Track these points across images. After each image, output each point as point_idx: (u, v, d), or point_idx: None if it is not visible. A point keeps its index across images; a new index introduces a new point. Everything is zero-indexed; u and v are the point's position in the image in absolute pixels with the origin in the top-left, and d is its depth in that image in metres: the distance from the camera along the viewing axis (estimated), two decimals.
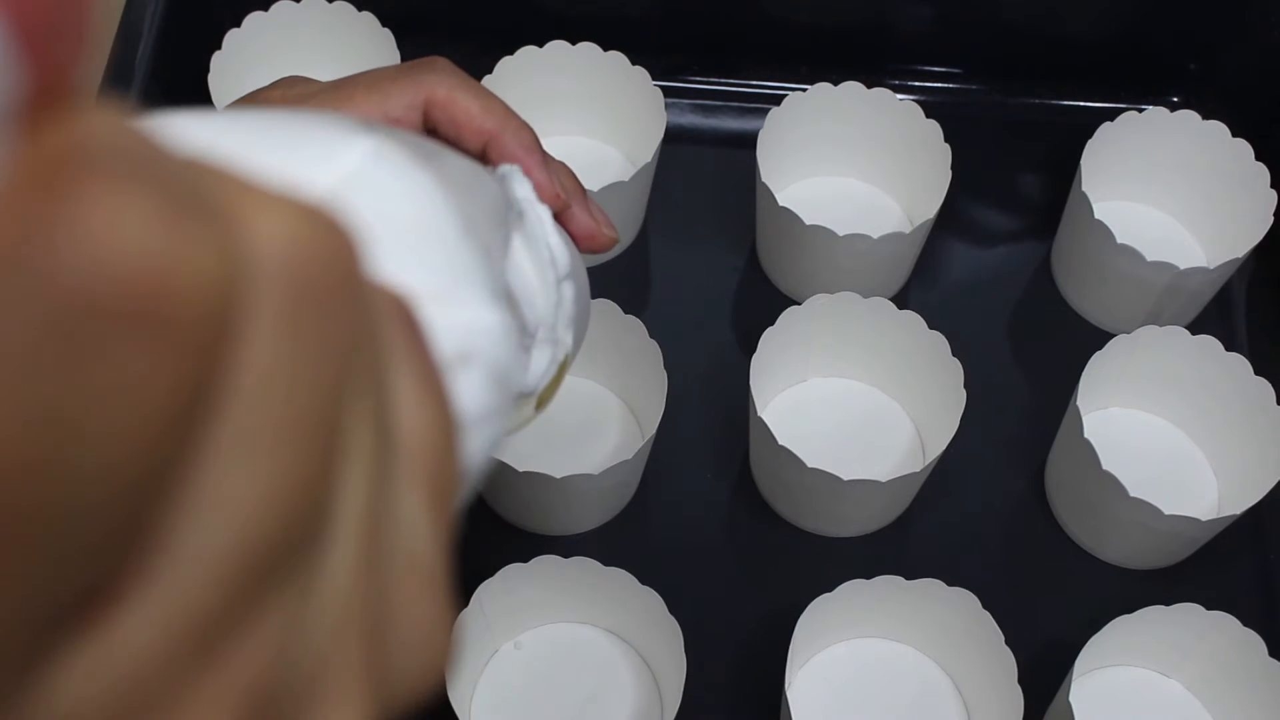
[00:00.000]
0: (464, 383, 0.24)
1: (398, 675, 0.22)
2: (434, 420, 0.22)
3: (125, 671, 0.16)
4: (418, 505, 0.22)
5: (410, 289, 0.23)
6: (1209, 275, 0.64)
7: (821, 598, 0.55)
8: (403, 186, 0.25)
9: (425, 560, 0.22)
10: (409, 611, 0.22)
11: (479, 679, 0.58)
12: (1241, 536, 0.63)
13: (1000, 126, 0.76)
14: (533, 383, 0.39)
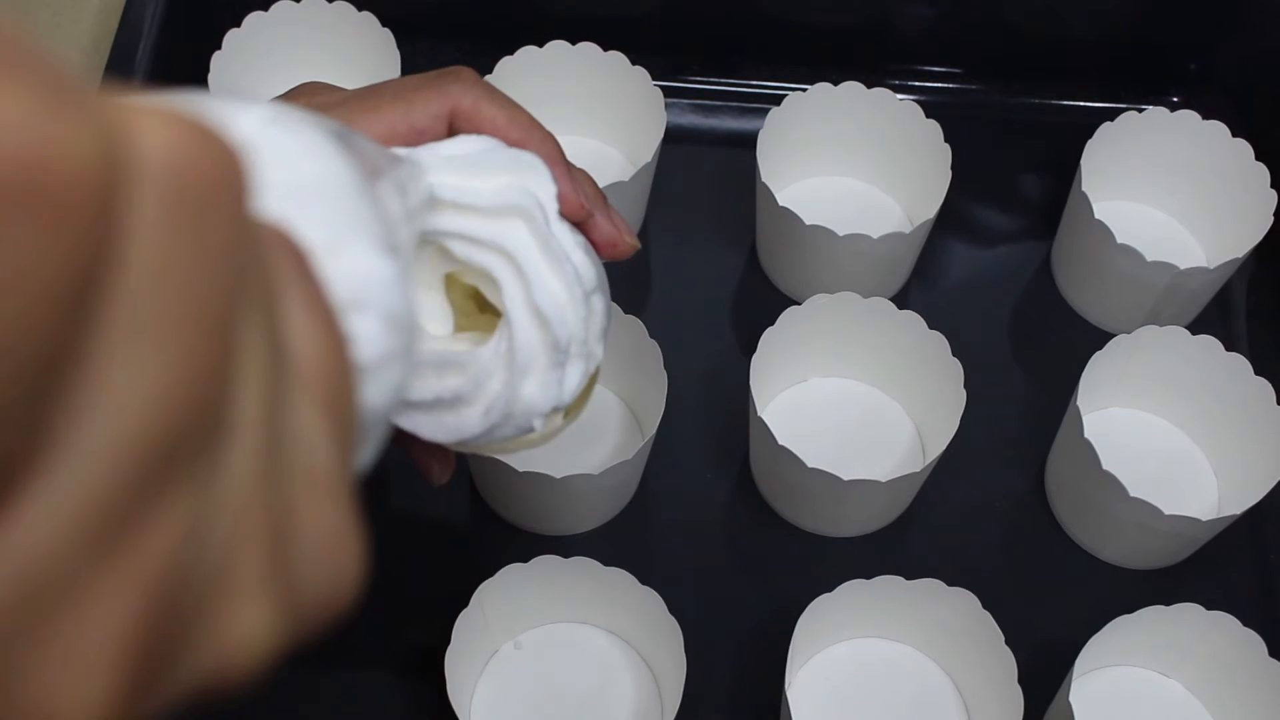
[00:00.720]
0: (359, 326, 0.25)
1: (304, 586, 0.23)
2: (328, 348, 0.23)
3: (29, 564, 0.16)
4: (316, 423, 0.22)
5: (303, 238, 0.24)
6: (1209, 275, 0.64)
7: (821, 598, 0.55)
8: (299, 146, 0.26)
9: (326, 476, 0.23)
10: (311, 525, 0.22)
11: (479, 679, 0.58)
12: (1241, 536, 0.63)
13: (1000, 126, 0.76)
14: (567, 397, 0.40)
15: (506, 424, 0.40)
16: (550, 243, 0.39)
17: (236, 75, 0.68)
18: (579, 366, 0.40)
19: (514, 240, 0.39)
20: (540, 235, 0.39)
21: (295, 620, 0.23)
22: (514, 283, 0.39)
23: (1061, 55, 0.75)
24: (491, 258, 0.39)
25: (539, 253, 0.39)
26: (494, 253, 0.39)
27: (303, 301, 0.23)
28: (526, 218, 0.39)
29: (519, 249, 0.39)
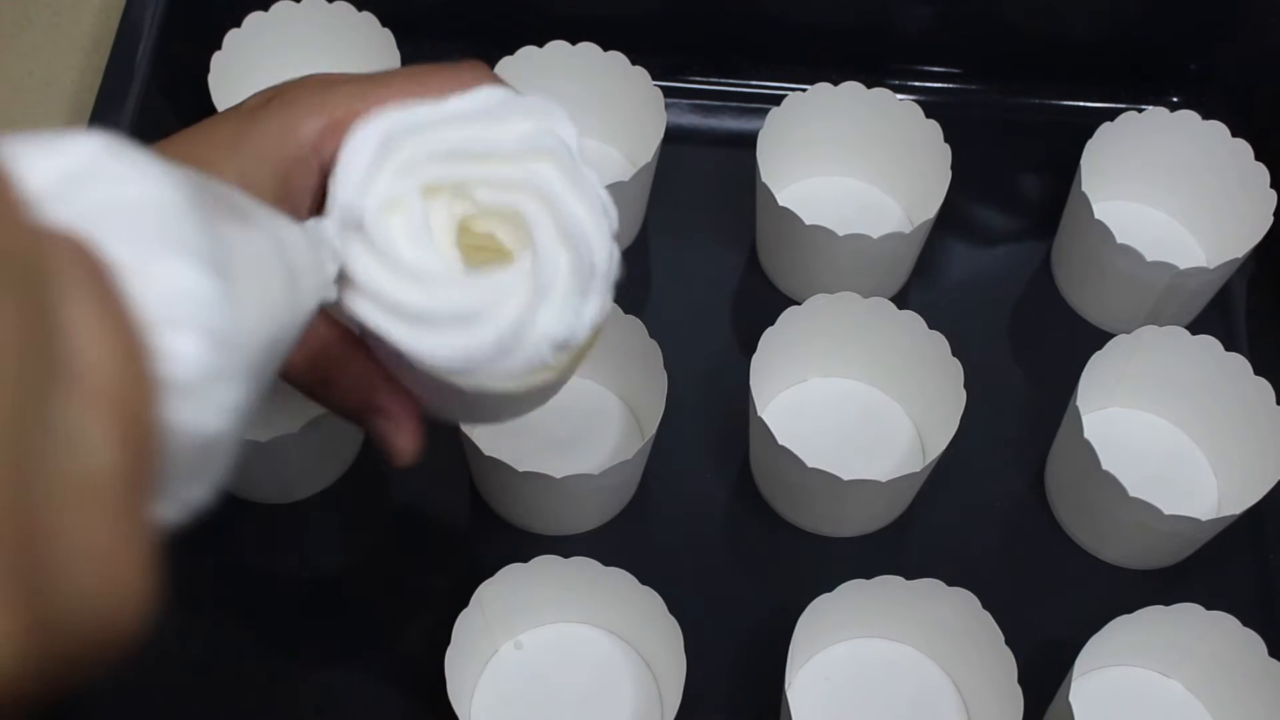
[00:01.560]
0: (173, 343, 0.26)
1: (59, 599, 0.22)
2: (121, 357, 0.23)
3: None
4: (98, 430, 0.22)
5: (109, 253, 0.25)
6: (1209, 275, 0.64)
7: (821, 598, 0.55)
8: (127, 170, 0.27)
9: (102, 486, 0.22)
10: (75, 534, 0.22)
11: (479, 679, 0.58)
12: (1241, 536, 0.63)
13: (1000, 126, 0.76)
14: (581, 332, 0.39)
15: (517, 351, 0.38)
16: (578, 177, 0.39)
17: (237, 75, 0.68)
18: (596, 301, 0.39)
19: (543, 177, 0.38)
20: (568, 171, 0.39)
21: (48, 634, 0.21)
22: (542, 213, 0.39)
23: (1061, 55, 0.75)
24: (519, 197, 0.39)
25: (568, 185, 0.38)
26: (522, 192, 0.39)
27: (94, 309, 0.23)
28: (553, 157, 0.39)
29: (548, 183, 0.38)
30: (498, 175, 0.39)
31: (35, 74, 0.71)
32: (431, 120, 0.39)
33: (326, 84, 0.42)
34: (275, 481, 0.61)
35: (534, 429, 0.64)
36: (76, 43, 0.72)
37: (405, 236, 0.38)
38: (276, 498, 0.62)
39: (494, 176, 0.39)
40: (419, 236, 0.38)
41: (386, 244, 0.38)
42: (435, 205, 0.39)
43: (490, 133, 0.39)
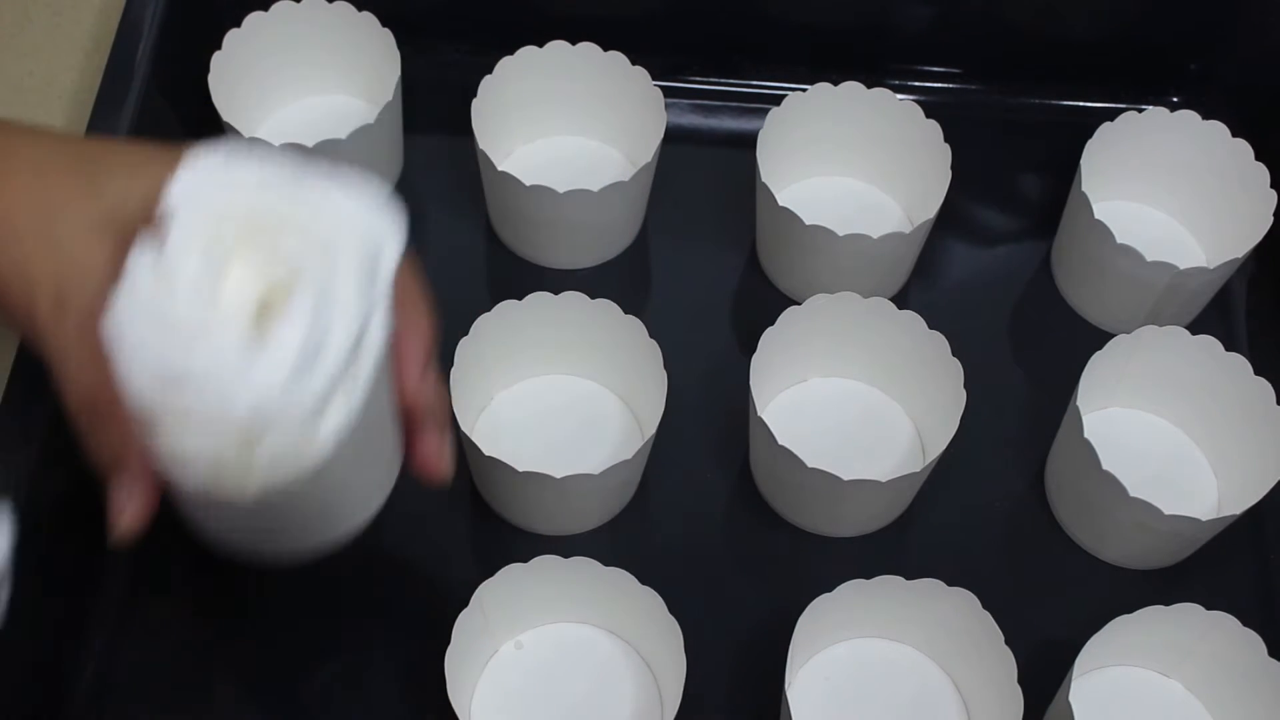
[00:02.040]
0: None
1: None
2: None
3: None
4: None
5: None
6: (1209, 275, 0.64)
7: (821, 598, 0.55)
8: None
9: None
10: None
11: (479, 679, 0.58)
12: (1241, 536, 0.63)
13: (1000, 126, 0.76)
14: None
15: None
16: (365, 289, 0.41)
17: (237, 75, 0.68)
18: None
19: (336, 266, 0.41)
20: (358, 274, 0.41)
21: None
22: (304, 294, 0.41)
23: (1061, 55, 0.75)
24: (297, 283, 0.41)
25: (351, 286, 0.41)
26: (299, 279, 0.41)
27: None
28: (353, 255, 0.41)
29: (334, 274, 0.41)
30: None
31: (35, 74, 0.71)
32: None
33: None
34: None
35: (535, 429, 0.64)
36: (76, 43, 0.72)
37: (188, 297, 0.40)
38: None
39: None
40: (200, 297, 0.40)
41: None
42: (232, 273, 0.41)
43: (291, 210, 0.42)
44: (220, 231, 0.41)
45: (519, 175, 0.65)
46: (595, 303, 0.62)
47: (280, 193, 0.42)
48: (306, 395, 0.40)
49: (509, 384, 0.65)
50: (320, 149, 0.66)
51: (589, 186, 0.64)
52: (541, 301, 0.62)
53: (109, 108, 0.64)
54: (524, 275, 0.70)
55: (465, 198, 0.71)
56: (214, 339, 0.40)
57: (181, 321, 0.40)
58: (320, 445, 0.40)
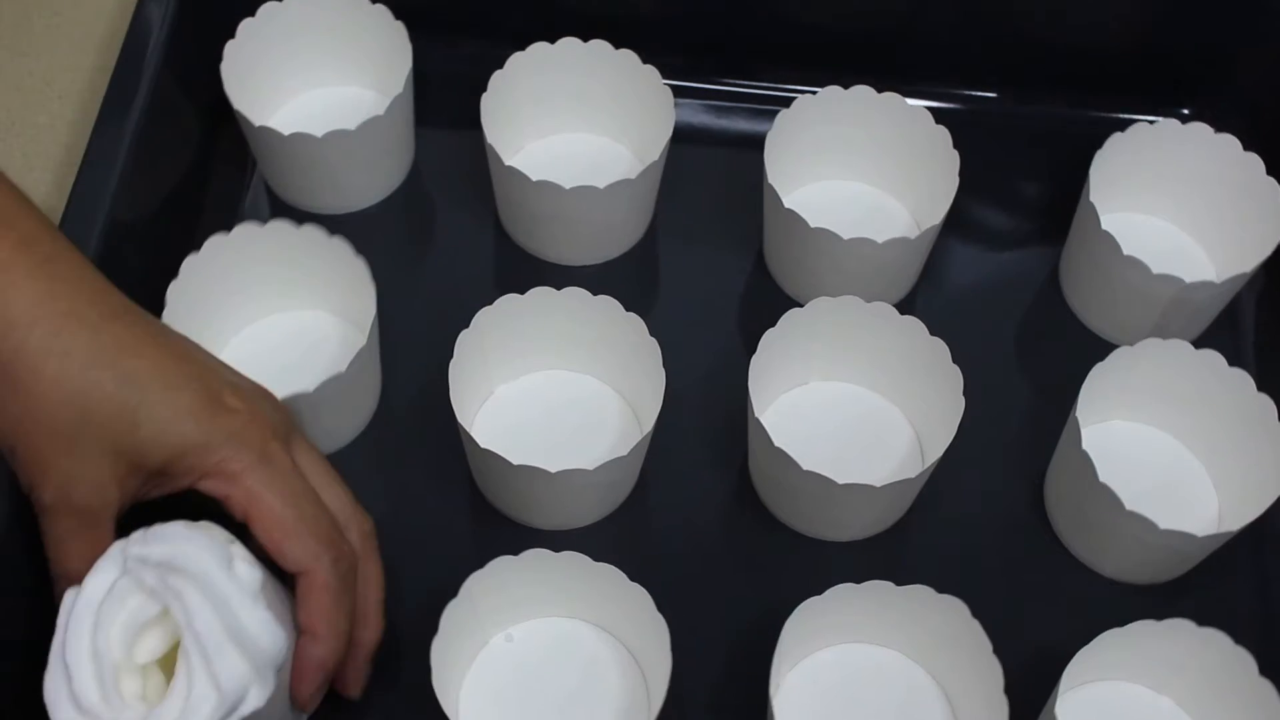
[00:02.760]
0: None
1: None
2: None
3: None
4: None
5: None
6: (1216, 289, 0.64)
7: (810, 600, 0.55)
8: None
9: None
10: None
11: (468, 670, 0.58)
12: (1242, 553, 0.63)
13: (1012, 134, 0.76)
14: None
15: None
16: (223, 600, 0.49)
17: (250, 64, 0.69)
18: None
19: (188, 622, 0.48)
20: (209, 602, 0.49)
21: None
22: (193, 653, 0.49)
23: (1074, 64, 0.75)
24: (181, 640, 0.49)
25: (206, 625, 0.48)
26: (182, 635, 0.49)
27: None
28: (192, 587, 0.49)
29: (191, 629, 0.48)
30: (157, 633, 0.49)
31: (35, 74, 0.71)
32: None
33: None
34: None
35: (533, 424, 0.64)
36: (76, 43, 0.72)
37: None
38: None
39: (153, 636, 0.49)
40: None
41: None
42: (137, 646, 0.49)
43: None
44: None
45: (528, 171, 0.65)
46: (597, 299, 0.62)
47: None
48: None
49: (509, 378, 0.65)
50: (330, 139, 0.66)
51: (596, 183, 0.65)
52: (543, 296, 0.62)
53: (122, 96, 0.65)
54: (531, 270, 0.70)
55: (475, 192, 0.71)
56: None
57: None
58: None
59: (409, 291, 0.69)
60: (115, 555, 0.50)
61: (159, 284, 0.61)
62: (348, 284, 0.63)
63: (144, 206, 0.66)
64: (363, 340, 0.61)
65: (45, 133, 0.69)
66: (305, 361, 0.65)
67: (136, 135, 0.64)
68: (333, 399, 0.61)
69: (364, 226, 0.70)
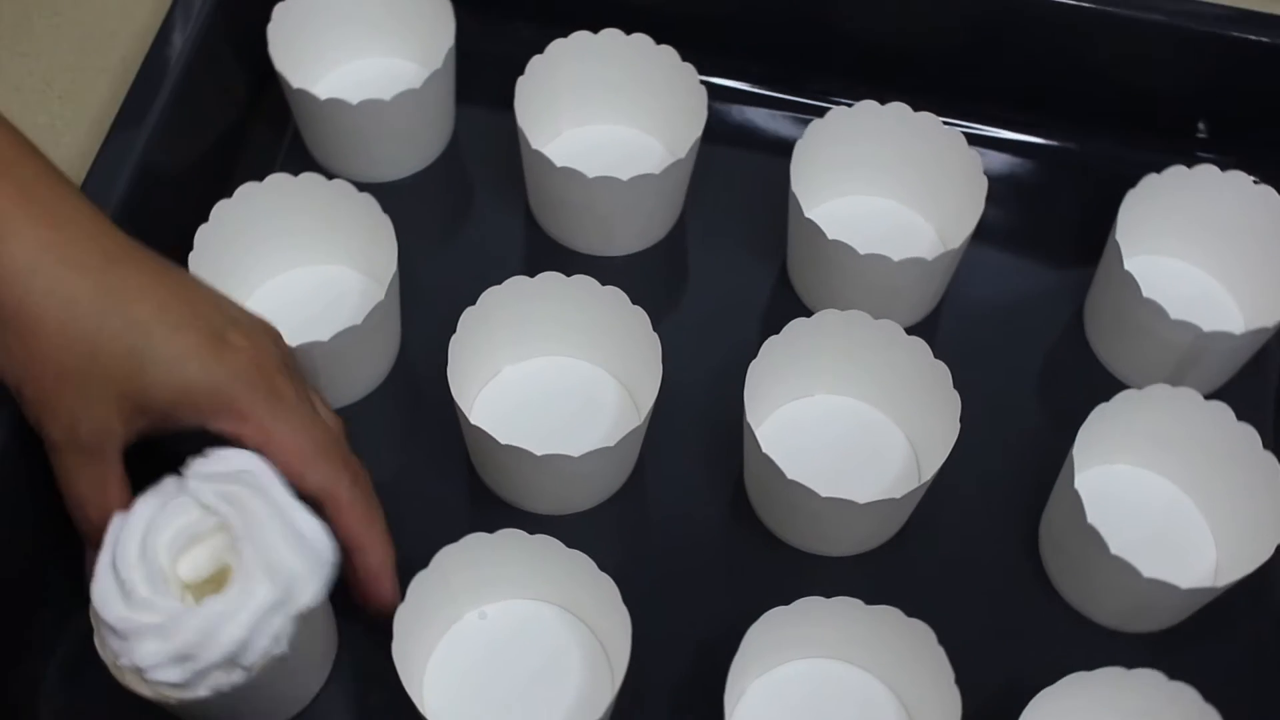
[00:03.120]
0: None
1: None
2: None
3: None
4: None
5: None
6: (1235, 341, 0.63)
7: (776, 610, 0.55)
8: None
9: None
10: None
11: (438, 643, 0.59)
12: (1240, 611, 0.61)
13: (1050, 166, 0.75)
14: (265, 645, 0.51)
15: (199, 660, 0.50)
16: (285, 514, 0.52)
17: (296, 29, 0.70)
18: (283, 621, 0.51)
19: (249, 522, 0.51)
20: (273, 513, 0.52)
21: None
22: (250, 554, 0.51)
23: (1119, 102, 0.74)
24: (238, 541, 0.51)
25: (272, 527, 0.51)
26: (238, 538, 0.51)
27: None
28: (258, 497, 0.52)
29: (254, 527, 0.51)
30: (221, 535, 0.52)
31: (35, 74, 0.72)
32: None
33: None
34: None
35: (533, 407, 0.64)
36: (76, 43, 0.72)
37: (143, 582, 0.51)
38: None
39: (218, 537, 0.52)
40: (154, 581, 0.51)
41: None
42: (182, 561, 0.51)
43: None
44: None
45: (561, 157, 0.66)
46: (605, 289, 0.62)
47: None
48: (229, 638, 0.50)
49: (515, 359, 0.65)
50: (363, 108, 0.67)
51: (620, 175, 0.65)
52: (551, 281, 0.62)
53: (164, 50, 0.66)
54: (553, 257, 0.70)
55: (511, 174, 0.72)
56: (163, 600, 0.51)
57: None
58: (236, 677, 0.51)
59: (432, 266, 0.69)
60: (168, 482, 0.53)
61: (190, 228, 0.62)
62: (372, 240, 0.64)
63: (180, 152, 0.67)
64: (382, 296, 0.61)
65: (45, 133, 0.69)
66: (326, 314, 0.66)
67: (179, 81, 0.66)
68: (347, 351, 0.62)
69: (395, 198, 0.71)
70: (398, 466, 0.65)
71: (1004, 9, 0.71)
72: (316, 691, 0.59)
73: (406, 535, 0.61)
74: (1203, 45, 0.70)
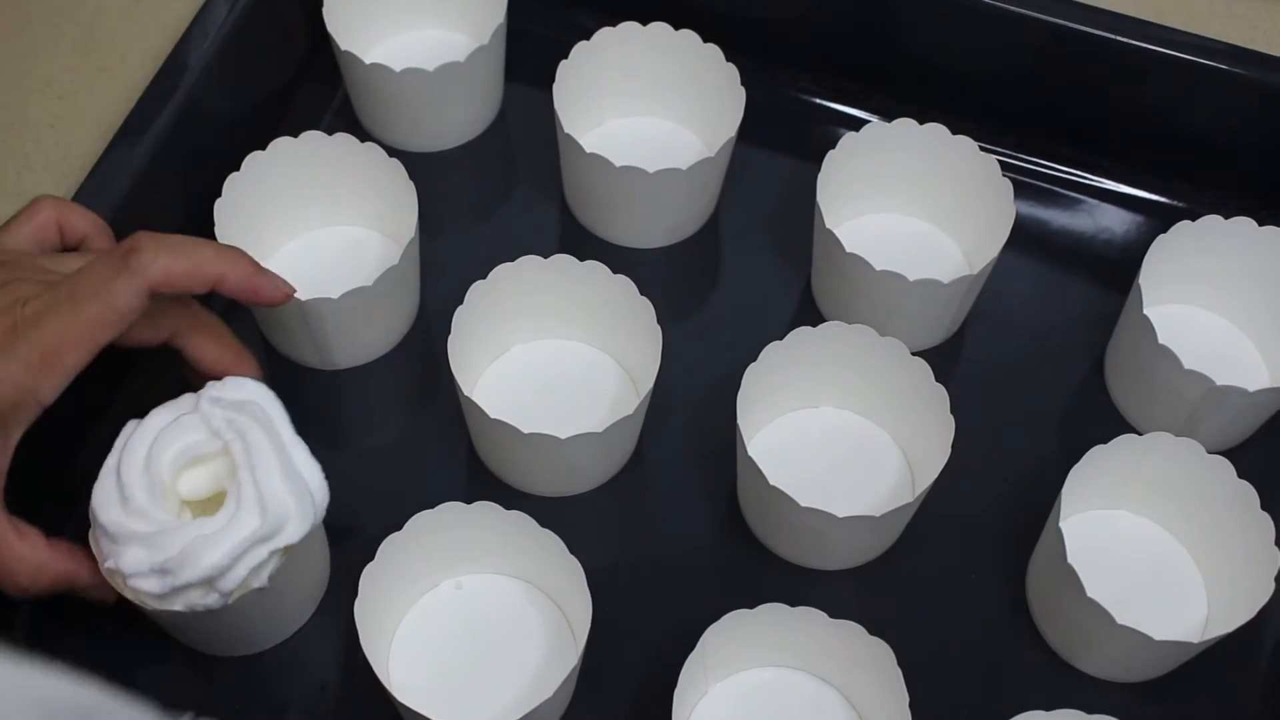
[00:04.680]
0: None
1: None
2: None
3: None
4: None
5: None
6: (1248, 397, 0.61)
7: (739, 612, 0.55)
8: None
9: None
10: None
11: (409, 609, 0.59)
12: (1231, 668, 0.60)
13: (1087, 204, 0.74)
14: (241, 575, 0.52)
15: (179, 575, 0.51)
16: (281, 449, 0.54)
17: None
18: (265, 553, 0.53)
19: (251, 455, 0.53)
20: (273, 447, 0.53)
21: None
22: (246, 482, 0.53)
23: (1163, 146, 0.72)
24: (236, 468, 0.53)
25: (267, 460, 0.53)
26: (237, 465, 0.53)
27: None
28: (258, 431, 0.54)
29: (254, 458, 0.53)
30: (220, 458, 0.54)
31: (35, 74, 0.72)
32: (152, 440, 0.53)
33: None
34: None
35: (531, 388, 0.65)
36: (76, 43, 0.73)
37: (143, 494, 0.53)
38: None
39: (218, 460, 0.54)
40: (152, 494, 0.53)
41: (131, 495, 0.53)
42: (183, 478, 0.54)
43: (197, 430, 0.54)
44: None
45: (599, 146, 0.66)
46: (614, 277, 0.62)
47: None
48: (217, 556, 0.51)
49: (523, 339, 0.66)
50: (406, 75, 0.68)
51: (648, 168, 0.65)
52: (563, 263, 0.63)
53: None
54: (580, 243, 0.71)
55: (551, 157, 0.72)
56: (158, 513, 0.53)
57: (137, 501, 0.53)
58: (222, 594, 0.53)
59: (459, 239, 0.70)
60: (186, 398, 0.55)
61: (222, 176, 0.64)
62: (395, 205, 0.65)
63: (225, 99, 0.68)
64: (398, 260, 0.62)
65: (45, 133, 0.70)
66: (343, 274, 0.66)
67: (235, 28, 0.67)
68: (356, 311, 0.63)
69: (435, 169, 0.72)
70: (397, 431, 0.66)
71: (1060, 43, 0.70)
72: (297, 628, 0.60)
73: (395, 498, 0.62)
74: (1261, 96, 0.69)
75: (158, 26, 0.71)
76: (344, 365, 0.66)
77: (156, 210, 0.65)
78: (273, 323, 0.65)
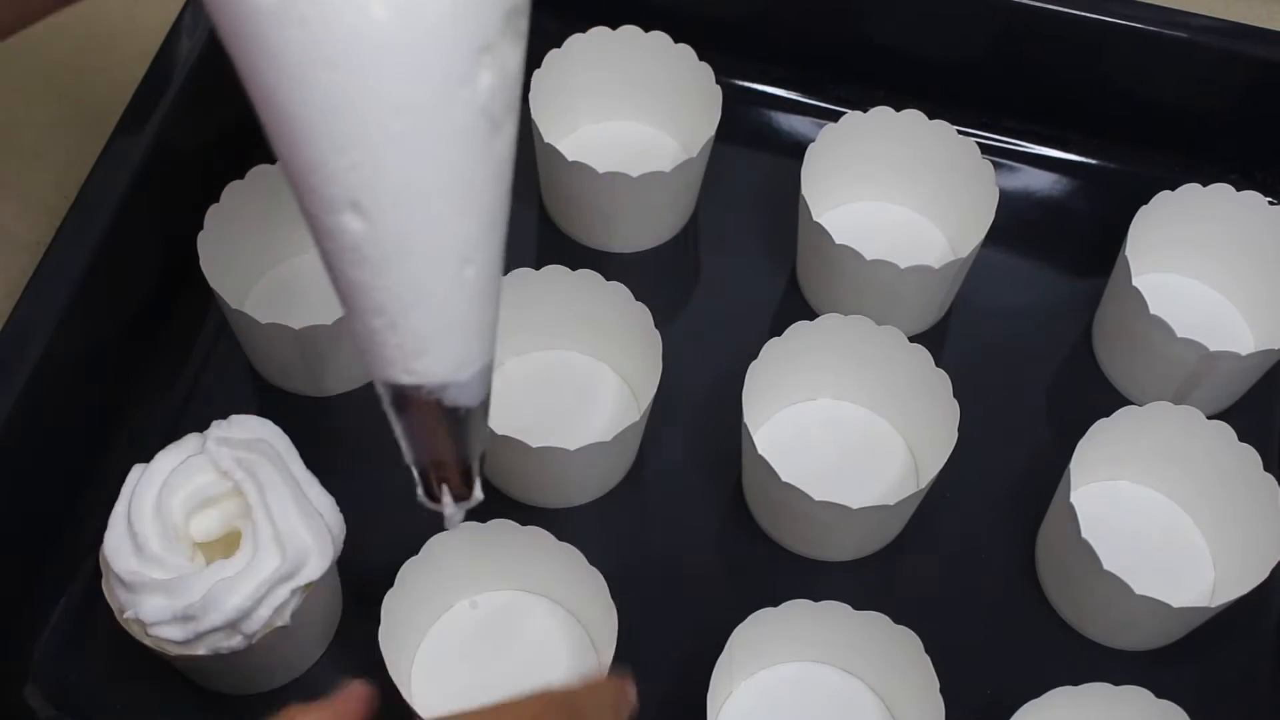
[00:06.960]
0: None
1: None
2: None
3: None
4: None
5: None
6: (1241, 361, 0.62)
7: (763, 611, 0.55)
8: None
9: None
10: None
11: (427, 631, 0.59)
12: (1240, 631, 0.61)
13: (1065, 179, 0.74)
14: (267, 614, 0.52)
15: (203, 621, 0.51)
16: (294, 486, 0.53)
17: None
18: (287, 592, 0.52)
19: (264, 494, 0.52)
20: (285, 483, 0.53)
21: None
22: (263, 522, 0.53)
23: (1137, 119, 0.73)
24: (251, 509, 0.53)
25: (282, 497, 0.53)
26: (252, 507, 0.53)
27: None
28: (270, 468, 0.53)
29: (268, 498, 0.52)
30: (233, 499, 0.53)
31: (35, 74, 0.72)
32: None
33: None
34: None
35: (528, 400, 0.65)
36: (76, 43, 0.73)
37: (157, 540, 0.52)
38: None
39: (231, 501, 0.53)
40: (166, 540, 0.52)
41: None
42: (194, 521, 0.53)
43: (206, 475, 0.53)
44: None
45: (576, 153, 0.66)
46: (609, 284, 0.62)
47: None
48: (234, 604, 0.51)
49: (516, 351, 0.66)
50: None
51: (631, 172, 0.65)
52: (555, 274, 0.62)
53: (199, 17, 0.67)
54: (564, 252, 0.70)
55: (525, 168, 0.71)
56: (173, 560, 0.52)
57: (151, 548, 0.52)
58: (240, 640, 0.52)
59: None
60: (191, 439, 0.54)
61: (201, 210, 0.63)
62: None
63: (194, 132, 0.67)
64: None
65: (45, 132, 0.69)
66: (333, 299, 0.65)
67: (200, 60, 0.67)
68: None
69: None
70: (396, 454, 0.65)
71: (1025, 21, 0.70)
72: (315, 660, 0.59)
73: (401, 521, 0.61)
74: (1226, 63, 0.70)
75: (158, 26, 0.70)
76: (337, 391, 0.65)
77: (137, 250, 0.64)
78: (264, 354, 0.64)
